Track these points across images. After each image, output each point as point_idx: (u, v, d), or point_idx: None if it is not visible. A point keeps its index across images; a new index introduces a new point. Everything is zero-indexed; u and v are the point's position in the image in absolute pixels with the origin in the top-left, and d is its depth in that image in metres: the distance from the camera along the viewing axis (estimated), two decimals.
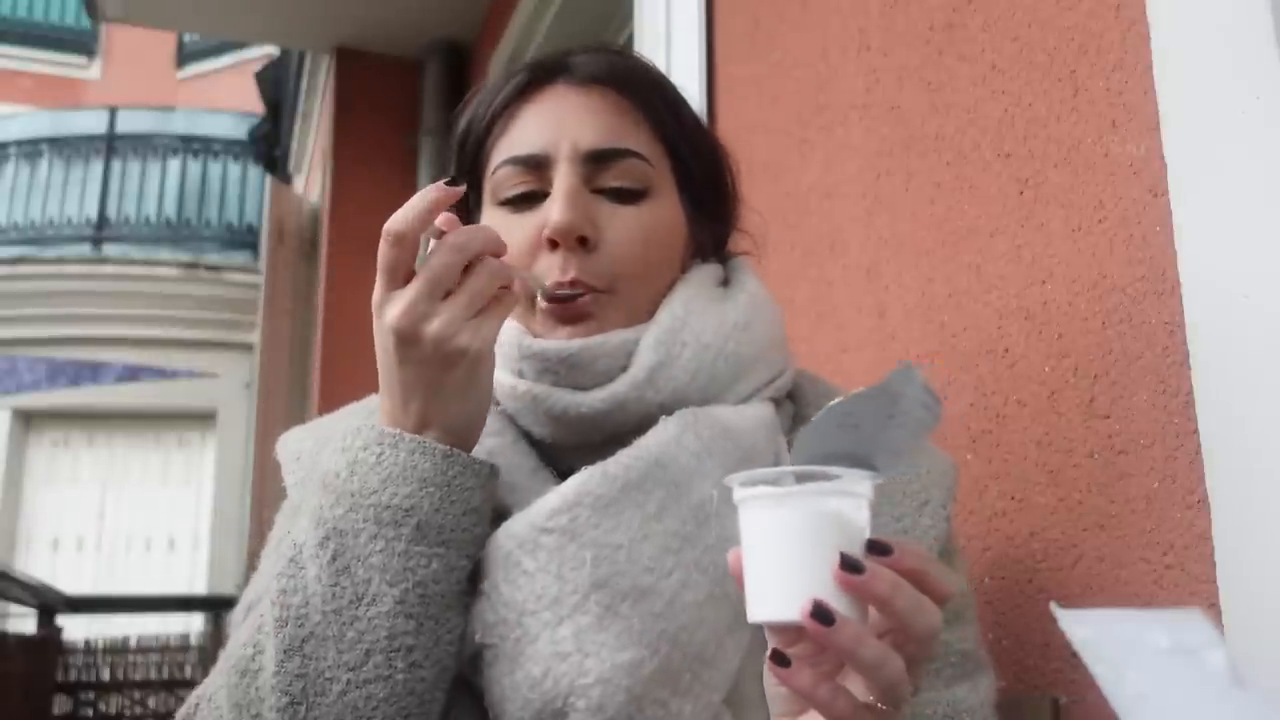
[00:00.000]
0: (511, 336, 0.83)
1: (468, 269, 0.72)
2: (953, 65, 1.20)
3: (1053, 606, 0.56)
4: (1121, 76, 0.96)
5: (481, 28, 3.76)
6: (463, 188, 0.72)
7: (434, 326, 0.70)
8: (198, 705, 0.77)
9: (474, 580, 0.76)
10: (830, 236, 1.44)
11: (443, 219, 0.73)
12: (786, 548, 0.60)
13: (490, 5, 3.64)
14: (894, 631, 0.60)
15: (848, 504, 0.60)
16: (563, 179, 0.82)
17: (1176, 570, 0.87)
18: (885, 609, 0.59)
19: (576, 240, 0.81)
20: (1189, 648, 0.57)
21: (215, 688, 0.76)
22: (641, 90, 0.87)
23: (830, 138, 1.46)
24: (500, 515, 0.78)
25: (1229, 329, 0.83)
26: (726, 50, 1.82)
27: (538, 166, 0.84)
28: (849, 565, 0.58)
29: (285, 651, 0.71)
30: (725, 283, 0.90)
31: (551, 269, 0.81)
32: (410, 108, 3.99)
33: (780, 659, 0.60)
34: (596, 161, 0.83)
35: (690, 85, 1.77)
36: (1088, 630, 0.56)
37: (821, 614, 0.57)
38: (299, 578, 0.73)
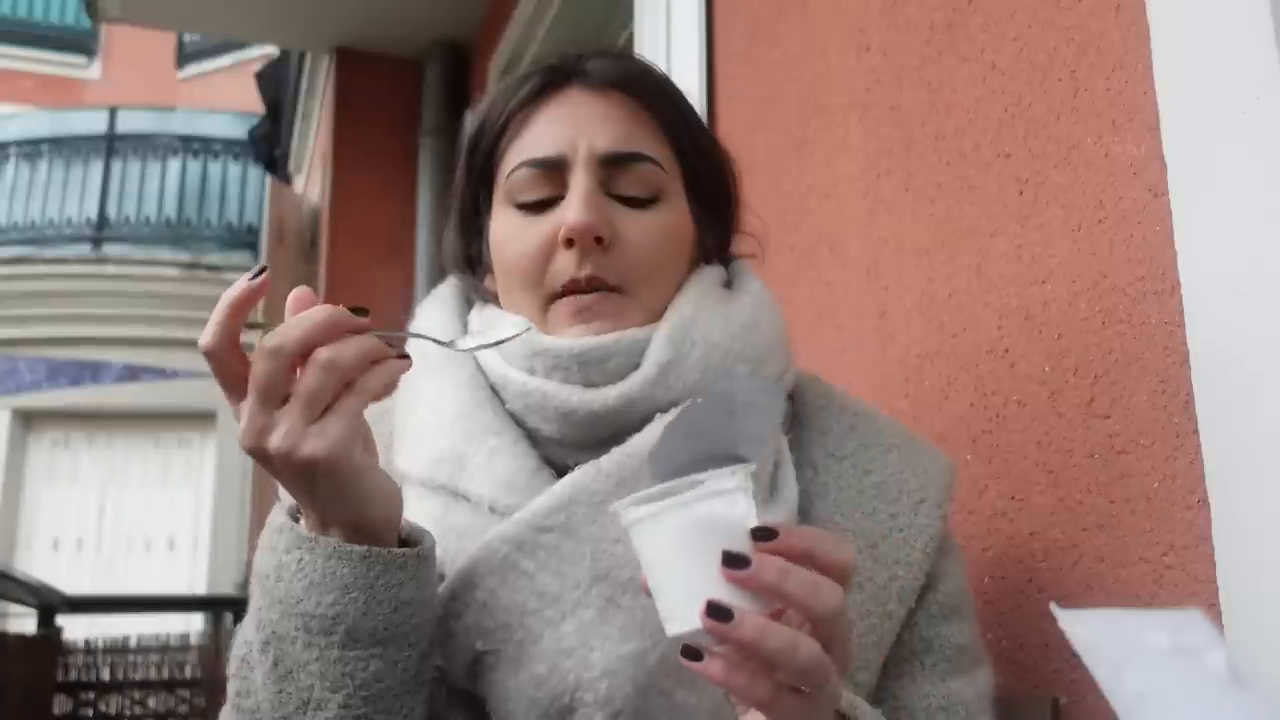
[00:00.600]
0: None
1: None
2: (953, 65, 1.20)
3: (1053, 607, 0.56)
4: (1121, 76, 0.96)
5: (481, 28, 3.76)
6: (265, 278, 0.67)
7: (274, 441, 0.64)
8: None
9: (460, 597, 0.76)
10: (830, 236, 1.44)
11: (291, 301, 0.67)
12: (675, 561, 0.61)
13: (490, 5, 3.64)
14: (801, 616, 0.60)
15: (720, 503, 0.61)
16: (579, 181, 0.83)
17: (1176, 570, 0.87)
18: (779, 595, 0.59)
19: (593, 240, 0.81)
20: (1189, 648, 0.57)
21: None
22: (654, 96, 0.88)
23: (830, 138, 1.46)
24: (502, 515, 0.78)
25: (1229, 329, 0.83)
26: (726, 50, 1.82)
27: (554, 169, 0.84)
28: (731, 561, 0.59)
29: None
30: (728, 285, 0.91)
31: (568, 266, 0.82)
32: (410, 108, 3.99)
33: (690, 653, 0.60)
34: (612, 165, 0.84)
35: (690, 85, 1.77)
36: (1088, 630, 0.56)
37: (717, 612, 0.58)
38: (250, 680, 0.73)
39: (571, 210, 0.81)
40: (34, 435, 8.54)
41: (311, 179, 5.42)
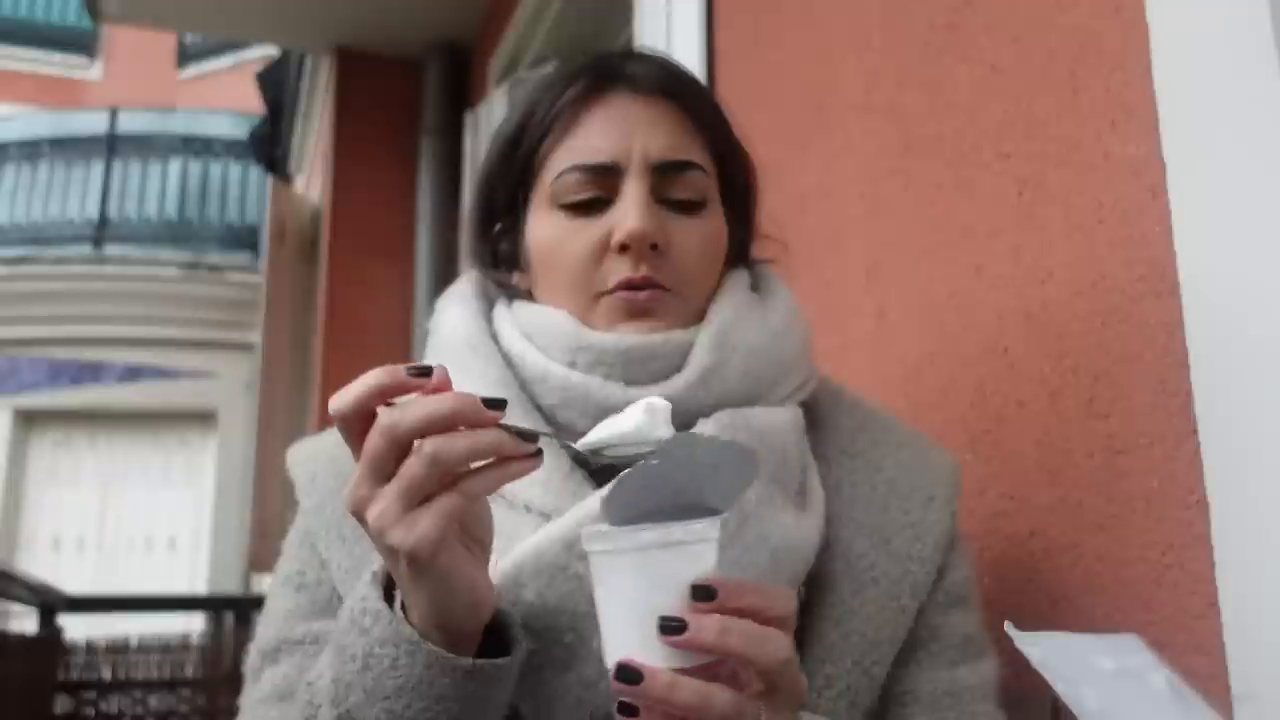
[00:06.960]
0: (568, 328, 0.83)
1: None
2: (953, 66, 1.20)
3: (1007, 626, 0.57)
4: (1121, 76, 0.96)
5: (481, 28, 3.76)
6: (432, 382, 0.62)
7: (371, 515, 0.62)
8: None
9: (504, 598, 0.74)
10: (830, 236, 1.44)
11: (434, 379, 0.63)
12: (615, 603, 0.61)
13: (490, 5, 3.64)
14: (746, 668, 0.60)
15: (674, 554, 0.60)
16: (634, 188, 0.83)
17: (1176, 570, 0.87)
18: (719, 653, 0.59)
19: (649, 246, 0.82)
20: (1133, 670, 0.59)
21: None
22: (697, 103, 0.89)
23: (830, 138, 1.46)
24: (538, 515, 0.78)
25: (1229, 329, 0.83)
26: (726, 50, 1.82)
27: (606, 174, 0.84)
28: (666, 628, 0.59)
29: None
30: (754, 288, 0.92)
31: (620, 269, 0.82)
32: (410, 108, 4.00)
33: (626, 709, 0.60)
34: (664, 173, 0.85)
35: None
36: (1041, 651, 0.58)
37: (625, 674, 0.58)
38: None
39: (630, 218, 0.82)
40: (35, 435, 8.54)
41: (312, 179, 5.42)
